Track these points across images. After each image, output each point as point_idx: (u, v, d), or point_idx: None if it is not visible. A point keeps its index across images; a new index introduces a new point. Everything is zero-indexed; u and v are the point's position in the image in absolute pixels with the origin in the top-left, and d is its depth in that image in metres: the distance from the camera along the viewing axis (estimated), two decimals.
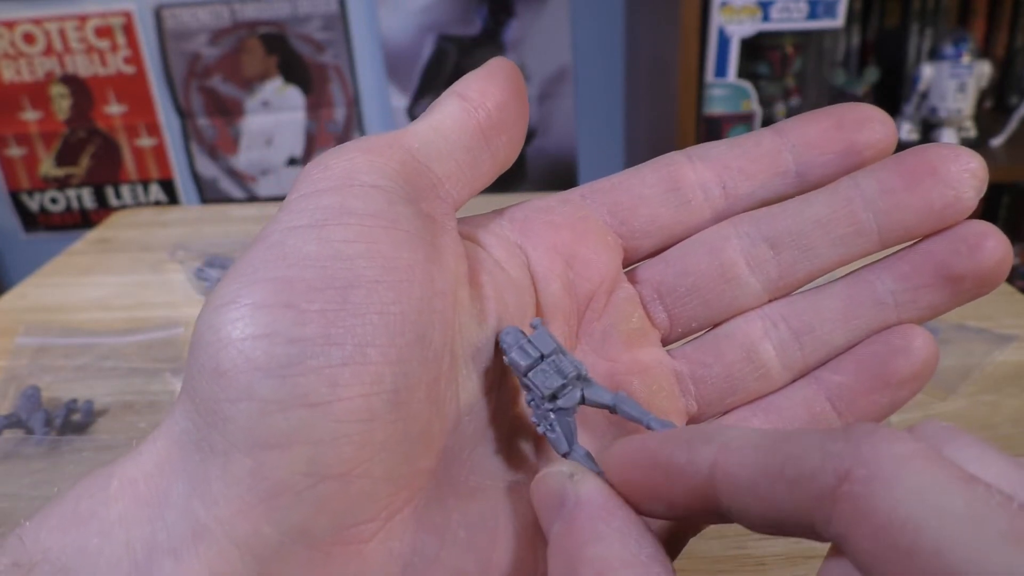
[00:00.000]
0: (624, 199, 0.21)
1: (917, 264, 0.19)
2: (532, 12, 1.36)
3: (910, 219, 0.19)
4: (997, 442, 0.33)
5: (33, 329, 0.45)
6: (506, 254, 0.20)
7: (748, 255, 0.20)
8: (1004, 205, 1.32)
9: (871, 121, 0.20)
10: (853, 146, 0.20)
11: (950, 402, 0.36)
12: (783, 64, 1.13)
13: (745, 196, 0.21)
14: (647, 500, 0.15)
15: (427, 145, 0.18)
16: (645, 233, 0.21)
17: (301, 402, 0.14)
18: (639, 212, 0.21)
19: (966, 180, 0.18)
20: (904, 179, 0.19)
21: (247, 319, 0.15)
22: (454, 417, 0.18)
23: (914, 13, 1.26)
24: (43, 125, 1.43)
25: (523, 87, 0.20)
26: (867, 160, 0.20)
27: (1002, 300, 0.45)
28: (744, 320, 0.21)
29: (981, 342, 0.40)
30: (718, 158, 0.21)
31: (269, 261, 0.16)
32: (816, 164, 0.20)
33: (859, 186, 0.19)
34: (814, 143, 0.20)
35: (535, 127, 1.45)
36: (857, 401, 0.20)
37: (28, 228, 1.53)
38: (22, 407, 0.37)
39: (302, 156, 1.47)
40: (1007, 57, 1.31)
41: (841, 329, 0.20)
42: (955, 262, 0.19)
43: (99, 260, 0.58)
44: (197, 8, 1.35)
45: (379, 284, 0.15)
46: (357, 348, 0.15)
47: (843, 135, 0.20)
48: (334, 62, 1.40)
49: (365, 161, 0.17)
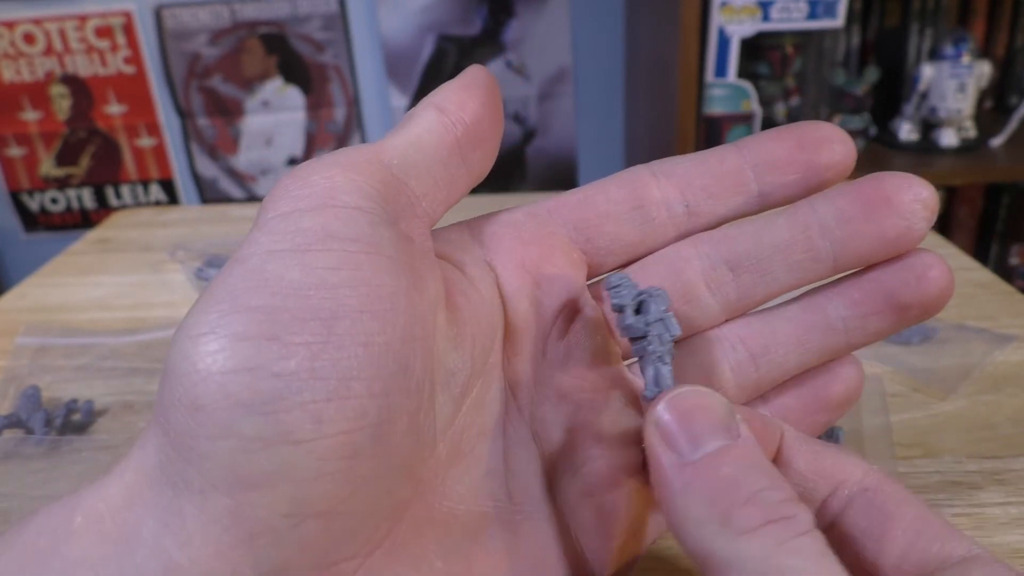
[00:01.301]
0: (590, 216, 0.21)
1: (868, 292, 0.20)
2: (532, 12, 1.36)
3: (864, 248, 0.20)
4: (997, 442, 0.33)
5: (33, 329, 0.45)
6: (478, 273, 0.20)
7: (708, 277, 0.21)
8: (1004, 205, 1.32)
9: (831, 142, 0.21)
10: (814, 167, 0.20)
11: (950, 402, 0.36)
12: (783, 64, 1.13)
13: (707, 214, 0.21)
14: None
15: (406, 161, 0.18)
16: (609, 251, 0.21)
17: (284, 439, 0.14)
18: (604, 230, 0.21)
19: (918, 211, 0.19)
20: (860, 207, 0.20)
21: (228, 352, 0.14)
22: (431, 444, 0.17)
23: (914, 13, 1.26)
24: (43, 125, 1.43)
25: (499, 99, 0.20)
26: (827, 180, 0.21)
27: (1002, 300, 0.45)
28: (703, 340, 0.21)
29: (981, 342, 0.40)
30: (682, 175, 0.21)
31: (250, 288, 0.15)
32: (778, 184, 0.21)
33: (816, 212, 0.20)
34: (776, 163, 0.21)
35: (535, 127, 1.45)
36: (800, 422, 0.21)
37: (28, 228, 1.53)
38: (22, 407, 0.37)
39: (302, 156, 1.47)
40: (1007, 57, 1.31)
41: (794, 352, 0.21)
42: (904, 291, 0.20)
43: (99, 260, 0.58)
44: (197, 8, 1.35)
45: (363, 314, 0.15)
46: (342, 382, 0.14)
47: (804, 156, 0.21)
48: (334, 62, 1.40)
49: (345, 179, 0.17)
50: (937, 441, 0.33)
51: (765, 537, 0.14)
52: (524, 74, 1.41)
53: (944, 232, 1.32)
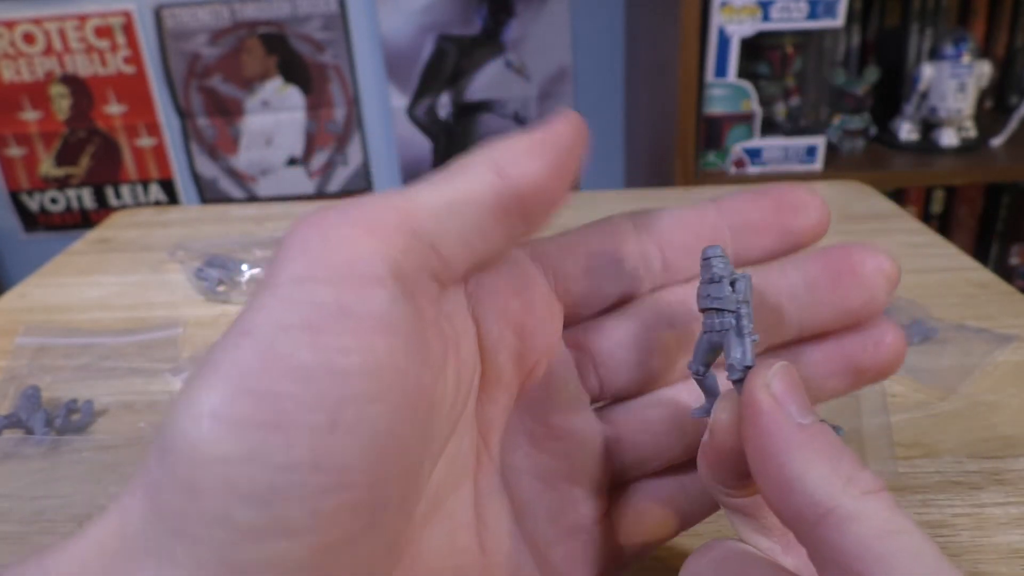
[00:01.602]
0: (570, 267, 0.21)
1: (828, 355, 0.21)
2: (532, 12, 1.36)
3: (828, 317, 0.21)
4: (996, 442, 0.33)
5: (33, 329, 0.45)
6: (463, 326, 0.19)
7: (680, 334, 0.21)
8: (1004, 205, 1.32)
9: (807, 207, 0.21)
10: (789, 231, 0.21)
11: (950, 402, 0.36)
12: (783, 64, 1.13)
13: (683, 271, 0.22)
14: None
15: (440, 227, 0.17)
16: (586, 303, 0.21)
17: (279, 531, 0.14)
18: (582, 282, 0.21)
19: (880, 283, 0.20)
20: (828, 276, 0.20)
21: (230, 439, 0.14)
22: (415, 512, 0.17)
23: (914, 13, 1.26)
24: (43, 125, 1.43)
25: (575, 157, 0.18)
26: (801, 244, 0.22)
27: (1002, 300, 0.45)
28: (672, 390, 0.22)
29: (981, 342, 0.40)
30: (663, 231, 0.21)
31: (257, 368, 0.14)
32: (754, 246, 0.21)
33: (787, 277, 0.21)
34: (754, 226, 0.21)
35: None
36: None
37: (28, 228, 1.53)
38: (22, 407, 0.37)
39: (302, 156, 1.47)
40: (1007, 57, 1.31)
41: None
42: (862, 357, 0.21)
43: (99, 260, 0.58)
44: (197, 8, 1.35)
45: (372, 403, 0.14)
46: (342, 473, 0.14)
47: (780, 220, 0.21)
48: (334, 62, 1.40)
49: (368, 248, 0.16)
50: (937, 441, 0.33)
51: (881, 500, 0.15)
52: (524, 74, 1.40)
53: (944, 232, 1.32)
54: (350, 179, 1.49)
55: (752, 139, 1.12)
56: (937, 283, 0.47)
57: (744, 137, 1.12)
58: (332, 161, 1.48)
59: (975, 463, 0.31)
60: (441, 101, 1.42)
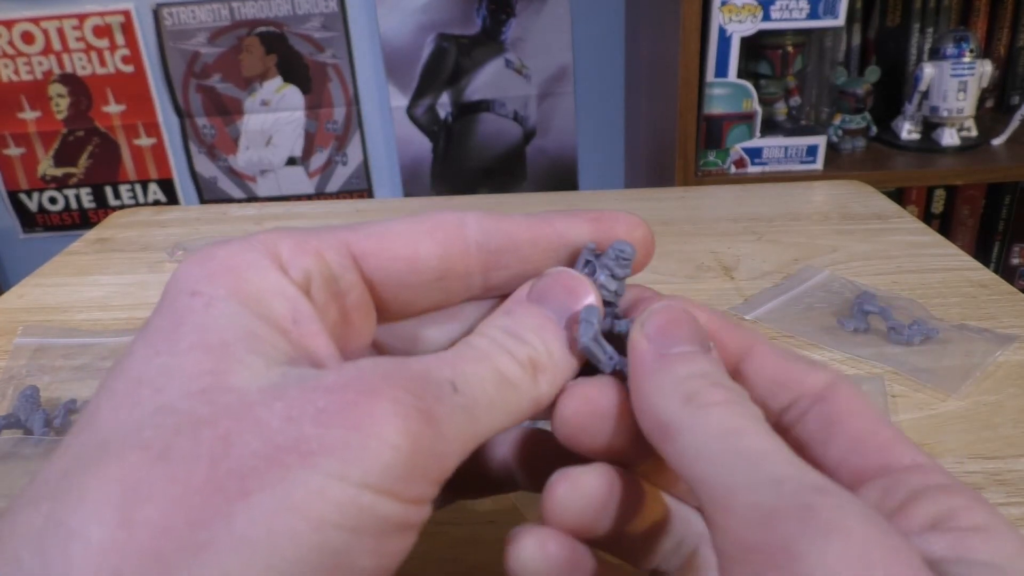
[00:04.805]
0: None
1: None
2: (532, 12, 1.36)
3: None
4: (998, 442, 0.32)
5: (31, 329, 0.45)
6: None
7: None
8: (1005, 205, 1.31)
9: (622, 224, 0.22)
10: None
11: (951, 402, 0.36)
12: (784, 63, 1.13)
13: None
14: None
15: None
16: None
17: None
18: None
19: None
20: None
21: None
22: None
23: (915, 12, 1.26)
24: (41, 124, 1.43)
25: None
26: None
27: (1004, 300, 0.45)
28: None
29: (982, 342, 0.40)
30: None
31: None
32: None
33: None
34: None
35: (535, 127, 1.44)
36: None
37: (26, 228, 1.53)
38: (21, 407, 0.37)
39: (301, 156, 1.47)
40: (1008, 56, 1.31)
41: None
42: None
43: (98, 260, 0.58)
44: (196, 7, 1.35)
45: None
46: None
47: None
48: (333, 61, 1.40)
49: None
50: (938, 441, 0.33)
51: (723, 409, 0.16)
52: (524, 74, 1.40)
53: (945, 232, 1.32)
54: (349, 179, 1.49)
55: (752, 139, 1.12)
56: (938, 283, 0.46)
57: (744, 137, 1.12)
58: (331, 161, 1.48)
59: (976, 463, 0.31)
60: (441, 101, 1.41)
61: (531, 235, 0.20)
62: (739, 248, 0.54)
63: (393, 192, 1.51)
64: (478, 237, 0.19)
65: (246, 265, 0.17)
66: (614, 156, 1.51)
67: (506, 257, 0.20)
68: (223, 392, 0.14)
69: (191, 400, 0.14)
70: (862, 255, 0.51)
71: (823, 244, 0.54)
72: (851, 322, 0.42)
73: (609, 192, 0.68)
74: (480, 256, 0.19)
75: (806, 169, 1.13)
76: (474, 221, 0.19)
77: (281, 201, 1.47)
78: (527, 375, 0.18)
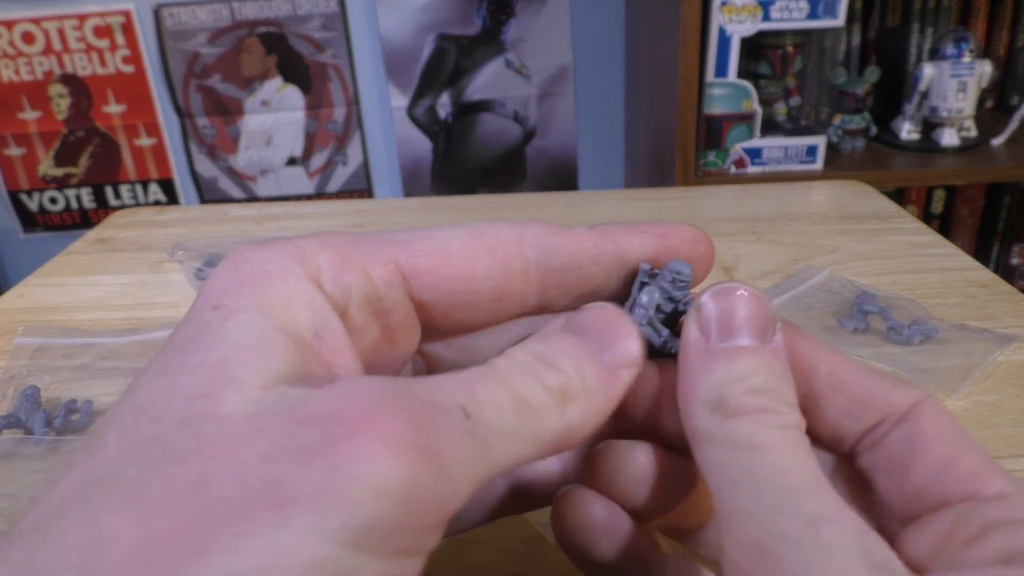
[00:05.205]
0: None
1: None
2: (532, 12, 1.36)
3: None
4: (998, 442, 0.33)
5: (32, 329, 0.45)
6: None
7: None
8: (1005, 205, 1.32)
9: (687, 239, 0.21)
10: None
11: (951, 402, 0.36)
12: (784, 63, 1.13)
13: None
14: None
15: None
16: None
17: None
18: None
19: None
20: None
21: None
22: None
23: (915, 12, 1.26)
24: (42, 125, 1.43)
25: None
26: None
27: (1003, 300, 0.45)
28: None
29: (982, 342, 0.40)
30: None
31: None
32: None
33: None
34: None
35: (535, 127, 1.45)
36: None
37: (27, 228, 1.53)
38: (21, 407, 0.37)
39: (301, 156, 1.47)
40: (1008, 57, 1.31)
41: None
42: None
43: (98, 260, 0.58)
44: (196, 7, 1.35)
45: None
46: None
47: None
48: (333, 61, 1.40)
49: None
50: None
51: (750, 421, 0.15)
52: (524, 74, 1.40)
53: (945, 232, 1.32)
54: (350, 179, 1.49)
55: (752, 139, 1.12)
56: (938, 283, 0.46)
57: (744, 137, 1.12)
58: (332, 161, 1.48)
59: None
60: (441, 101, 1.42)
61: (594, 253, 0.19)
62: (739, 248, 0.54)
63: (393, 192, 1.51)
64: (538, 255, 0.18)
65: (276, 272, 0.16)
66: (614, 156, 1.51)
67: (566, 276, 0.19)
68: (209, 420, 0.13)
69: (179, 432, 0.13)
70: (862, 255, 0.51)
71: (823, 244, 0.54)
72: (851, 322, 0.42)
73: (609, 192, 0.68)
74: (539, 275, 0.18)
75: (806, 169, 1.13)
76: (534, 237, 0.18)
77: (281, 201, 1.47)
78: (553, 402, 0.16)
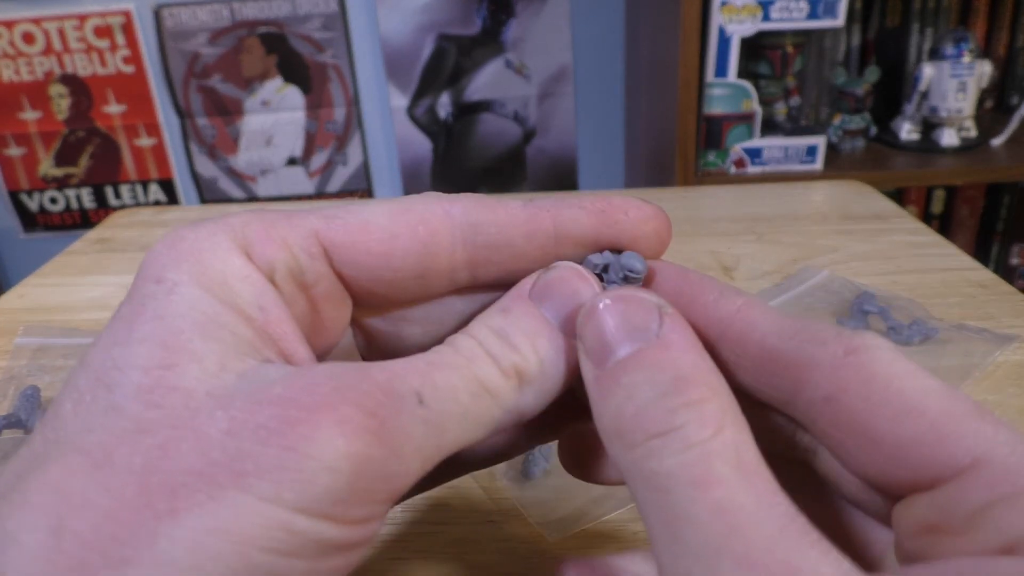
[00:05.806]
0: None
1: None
2: (532, 12, 1.36)
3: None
4: None
5: (32, 329, 0.45)
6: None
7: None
8: (1004, 205, 1.32)
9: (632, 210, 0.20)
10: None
11: None
12: (783, 63, 1.13)
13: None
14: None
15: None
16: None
17: None
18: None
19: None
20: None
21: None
22: None
23: (915, 12, 1.26)
24: (42, 125, 1.43)
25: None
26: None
27: (1003, 300, 0.45)
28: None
29: (981, 342, 0.40)
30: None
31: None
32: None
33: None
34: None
35: (535, 127, 1.45)
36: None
37: (27, 228, 1.53)
38: (21, 407, 0.37)
39: (301, 156, 1.47)
40: (1008, 57, 1.31)
41: None
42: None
43: (98, 260, 0.58)
44: (196, 7, 1.35)
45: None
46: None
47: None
48: (333, 62, 1.40)
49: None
50: None
51: (649, 450, 0.14)
52: (524, 74, 1.40)
53: (945, 232, 1.32)
54: (350, 179, 1.49)
55: (752, 139, 1.12)
56: (937, 283, 0.47)
57: (744, 137, 1.12)
58: (332, 161, 1.48)
59: None
60: (441, 101, 1.42)
61: (527, 229, 0.18)
62: (739, 248, 0.54)
63: (393, 192, 1.51)
64: (466, 231, 0.18)
65: (212, 249, 0.16)
66: (614, 156, 1.51)
67: (497, 252, 0.18)
68: (169, 391, 0.14)
69: (138, 400, 0.14)
70: (862, 255, 0.51)
71: (823, 244, 0.54)
72: (851, 322, 0.42)
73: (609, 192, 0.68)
74: (467, 252, 0.18)
75: (806, 169, 1.13)
76: (462, 213, 0.18)
77: (281, 201, 1.47)
78: (510, 385, 0.16)
